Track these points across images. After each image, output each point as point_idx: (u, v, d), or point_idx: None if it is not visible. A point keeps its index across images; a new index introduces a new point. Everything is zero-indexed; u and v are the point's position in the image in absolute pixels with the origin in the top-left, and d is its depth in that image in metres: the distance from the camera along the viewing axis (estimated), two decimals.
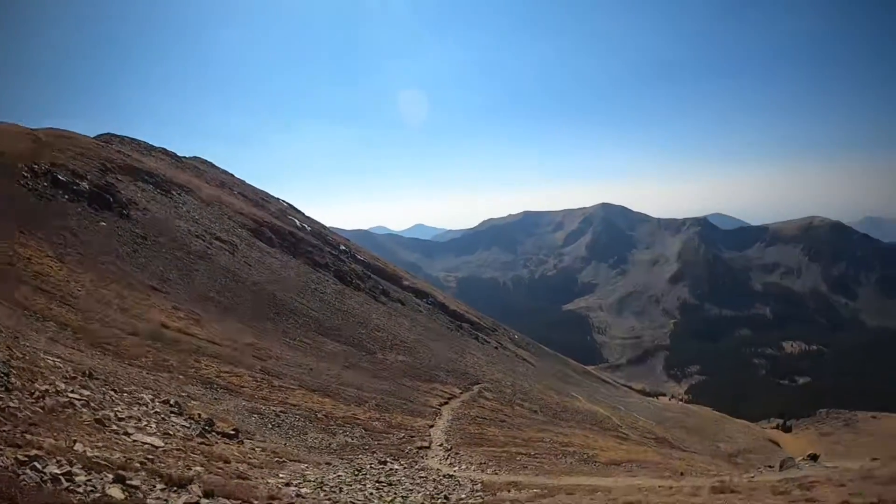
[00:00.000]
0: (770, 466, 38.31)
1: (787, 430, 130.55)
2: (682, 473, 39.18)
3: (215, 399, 27.37)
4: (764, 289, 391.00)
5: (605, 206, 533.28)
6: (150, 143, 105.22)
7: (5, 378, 13.88)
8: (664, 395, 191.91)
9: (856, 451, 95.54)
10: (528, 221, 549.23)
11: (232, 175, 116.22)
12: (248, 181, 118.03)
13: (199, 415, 19.60)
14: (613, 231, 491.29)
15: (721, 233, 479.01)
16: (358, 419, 33.91)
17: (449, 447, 34.06)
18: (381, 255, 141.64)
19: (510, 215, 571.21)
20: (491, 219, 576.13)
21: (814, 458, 39.22)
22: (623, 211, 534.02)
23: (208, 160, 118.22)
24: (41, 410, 13.14)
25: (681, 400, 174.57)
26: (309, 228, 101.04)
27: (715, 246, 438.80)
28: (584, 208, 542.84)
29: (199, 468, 13.69)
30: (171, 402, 20.18)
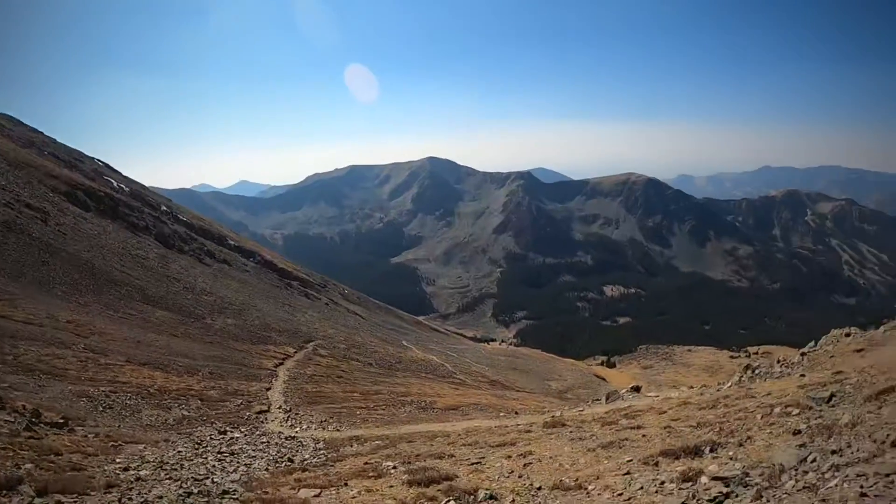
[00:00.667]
0: (597, 400, 39.89)
1: (612, 366, 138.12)
2: (516, 412, 40.58)
3: (39, 387, 25.44)
4: (585, 238, 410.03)
5: (432, 160, 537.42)
6: None
7: None
8: (494, 340, 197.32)
9: (674, 381, 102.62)
10: (355, 175, 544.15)
11: (41, 133, 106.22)
12: (59, 140, 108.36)
13: (24, 406, 18.18)
14: (440, 184, 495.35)
15: (544, 186, 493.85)
16: (192, 390, 32.79)
17: (288, 408, 33.69)
18: (205, 214, 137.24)
19: (336, 170, 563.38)
20: (317, 174, 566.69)
21: (637, 389, 41.05)
22: (450, 164, 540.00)
23: (14, 116, 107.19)
24: None
25: (510, 344, 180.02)
26: (127, 189, 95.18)
27: (538, 198, 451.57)
28: (411, 162, 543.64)
29: (29, 465, 12.74)
30: None
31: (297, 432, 26.91)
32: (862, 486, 11.09)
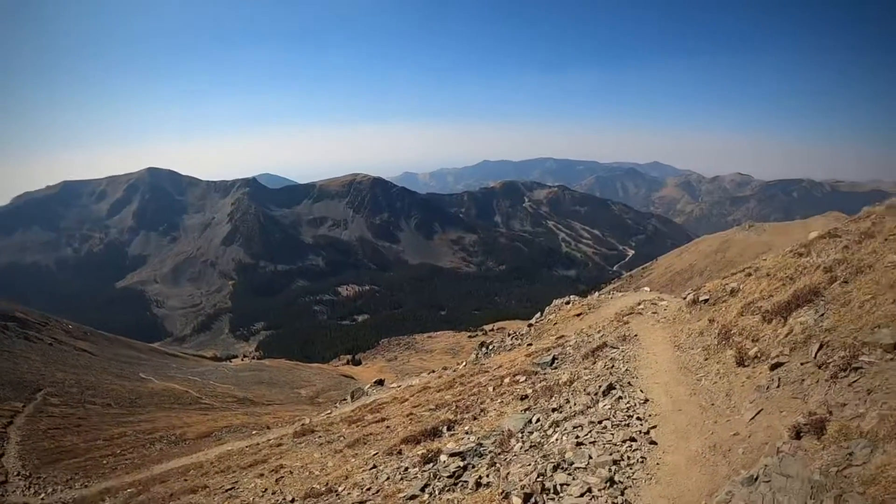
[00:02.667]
0: (344, 399, 40.61)
1: (358, 363, 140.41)
2: (268, 427, 40.49)
3: None
4: (315, 241, 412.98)
5: (152, 171, 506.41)
6: None
7: None
8: (236, 356, 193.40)
9: (421, 367, 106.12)
10: (68, 192, 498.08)
11: None
12: None
13: None
14: (161, 197, 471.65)
15: (270, 192, 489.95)
16: None
17: (28, 473, 31.04)
18: None
19: (48, 187, 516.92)
20: (27, 192, 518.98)
21: (380, 382, 42.29)
22: (171, 175, 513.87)
23: None
24: None
25: (253, 358, 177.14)
26: None
27: (265, 205, 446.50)
28: (129, 174, 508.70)
29: None
30: None
31: (42, 499, 24.98)
32: (577, 437, 12.71)
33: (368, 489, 14.05)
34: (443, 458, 14.01)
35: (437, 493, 12.16)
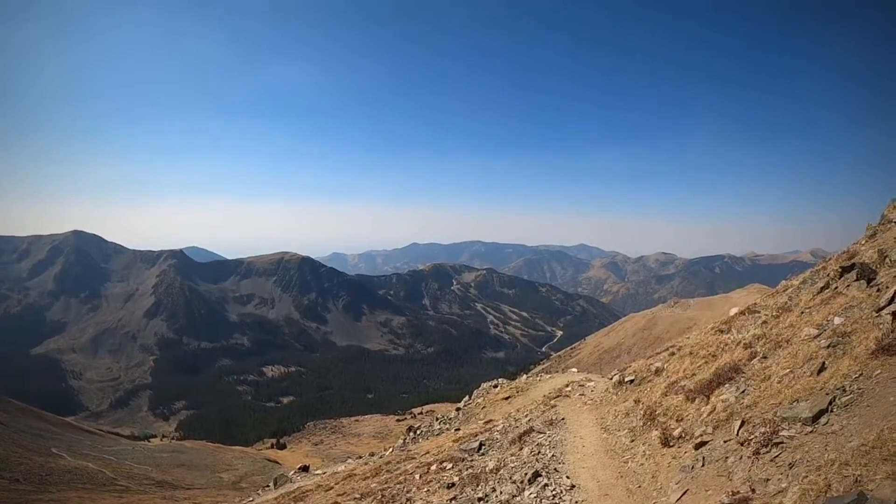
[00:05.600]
0: (267, 487, 39.71)
1: (283, 447, 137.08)
2: None
3: None
4: (241, 319, 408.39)
5: (78, 234, 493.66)
6: None
7: None
8: (154, 436, 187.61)
9: (347, 452, 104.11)
10: None
11: None
12: None
13: None
14: (86, 262, 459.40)
15: (198, 265, 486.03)
16: None
17: None
18: None
19: None
20: None
21: (305, 469, 41.49)
22: (97, 240, 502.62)
23: None
24: None
25: (172, 438, 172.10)
26: None
27: (192, 278, 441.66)
28: (55, 235, 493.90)
29: None
30: None
31: None
32: None
33: None
34: None
35: None
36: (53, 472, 62.84)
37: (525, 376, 43.43)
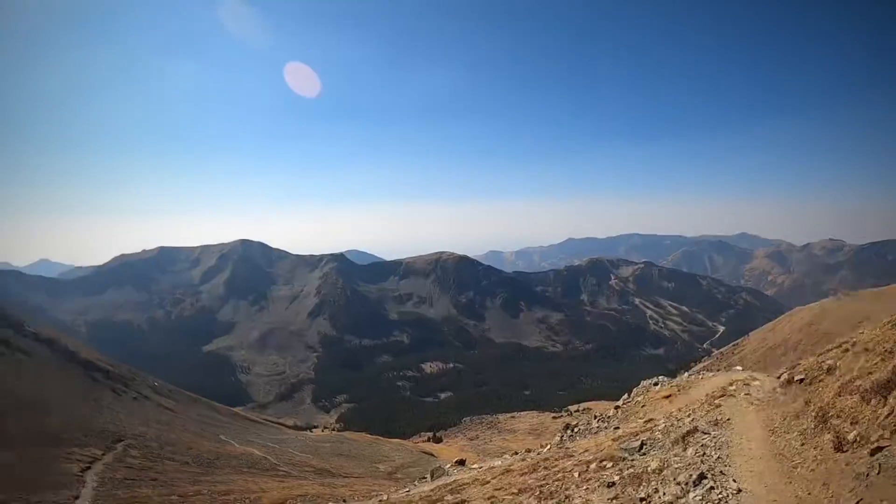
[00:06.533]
0: (423, 478, 39.10)
1: (439, 440, 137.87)
2: (344, 500, 39.10)
3: None
4: (400, 317, 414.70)
5: (244, 243, 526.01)
6: None
7: None
8: (316, 427, 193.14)
9: (502, 448, 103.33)
10: (164, 258, 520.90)
11: None
12: None
13: None
14: (252, 268, 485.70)
15: (358, 267, 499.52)
16: None
17: None
18: (1, 296, 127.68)
19: (144, 251, 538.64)
20: (123, 254, 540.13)
21: (461, 462, 40.65)
22: (262, 247, 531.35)
23: None
24: None
25: (333, 429, 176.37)
26: None
27: (352, 280, 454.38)
28: (223, 244, 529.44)
29: None
30: None
31: None
32: None
33: None
34: None
35: None
36: (221, 456, 65.02)
37: (686, 374, 41.45)
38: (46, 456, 44.95)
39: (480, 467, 33.36)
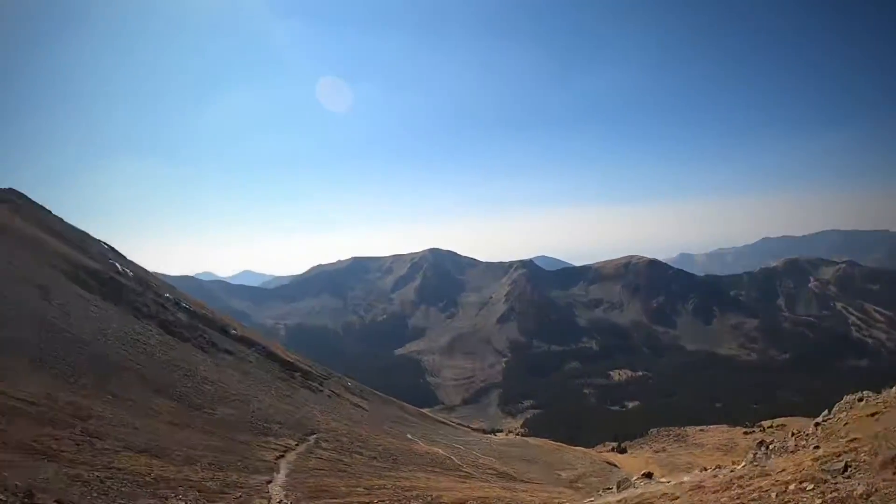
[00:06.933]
0: (608, 489, 39.11)
1: (623, 451, 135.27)
2: None
3: (33, 466, 25.18)
4: (589, 323, 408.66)
5: (434, 252, 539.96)
6: None
7: None
8: (501, 431, 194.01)
9: (688, 463, 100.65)
10: (358, 267, 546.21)
11: (49, 211, 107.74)
12: (66, 220, 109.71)
13: (17, 485, 18.02)
14: (442, 275, 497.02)
15: (546, 273, 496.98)
16: (191, 480, 32.14)
17: (289, 503, 33.07)
18: (209, 302, 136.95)
19: (339, 261, 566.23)
20: (320, 265, 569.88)
21: (648, 475, 40.18)
22: (451, 256, 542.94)
23: (23, 193, 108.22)
24: None
25: (518, 434, 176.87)
26: (131, 274, 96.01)
27: (541, 286, 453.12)
28: (414, 253, 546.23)
29: None
30: None
31: None
32: None
33: None
34: None
35: None
36: (406, 453, 67.48)
37: (894, 389, 38.80)
38: (246, 443, 48.78)
39: (669, 482, 33.16)
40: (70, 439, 32.37)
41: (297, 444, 53.64)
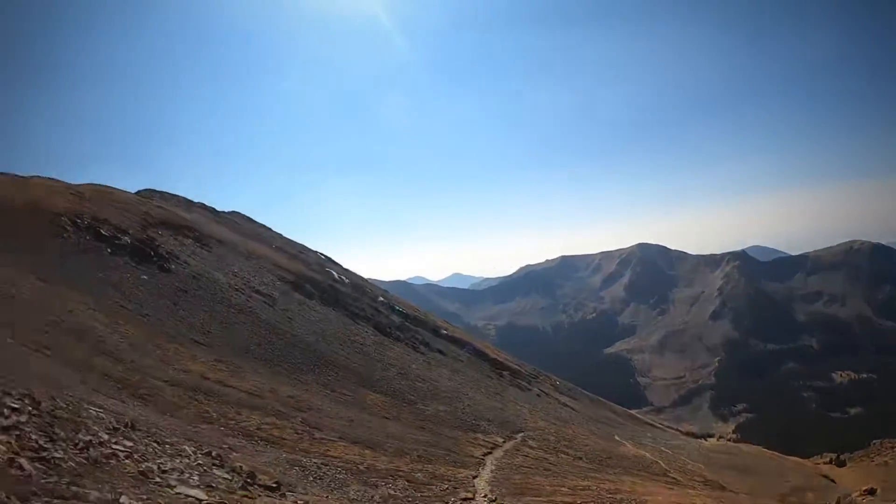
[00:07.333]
0: None
1: (842, 464, 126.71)
2: None
3: (256, 451, 27.29)
4: (808, 319, 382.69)
5: (643, 246, 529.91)
6: (190, 198, 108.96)
7: (50, 428, 14.07)
8: (712, 435, 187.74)
9: None
10: (566, 266, 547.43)
11: (269, 228, 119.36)
12: (285, 234, 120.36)
13: (241, 467, 19.53)
14: (652, 271, 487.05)
15: (761, 265, 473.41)
16: (400, 471, 33.55)
17: (493, 498, 33.59)
18: (420, 305, 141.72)
19: (547, 261, 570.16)
20: (528, 265, 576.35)
21: (871, 492, 38.15)
22: (661, 250, 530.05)
23: (246, 214, 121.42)
24: (85, 462, 13.21)
25: (729, 440, 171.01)
26: (347, 280, 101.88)
27: (755, 279, 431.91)
28: (622, 249, 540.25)
29: None
30: (213, 454, 20.22)
31: None
32: None
33: None
34: None
35: None
36: (612, 455, 66.69)
37: None
38: (455, 438, 50.06)
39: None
40: (291, 428, 34.94)
41: (504, 442, 54.51)
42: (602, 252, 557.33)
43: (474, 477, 38.43)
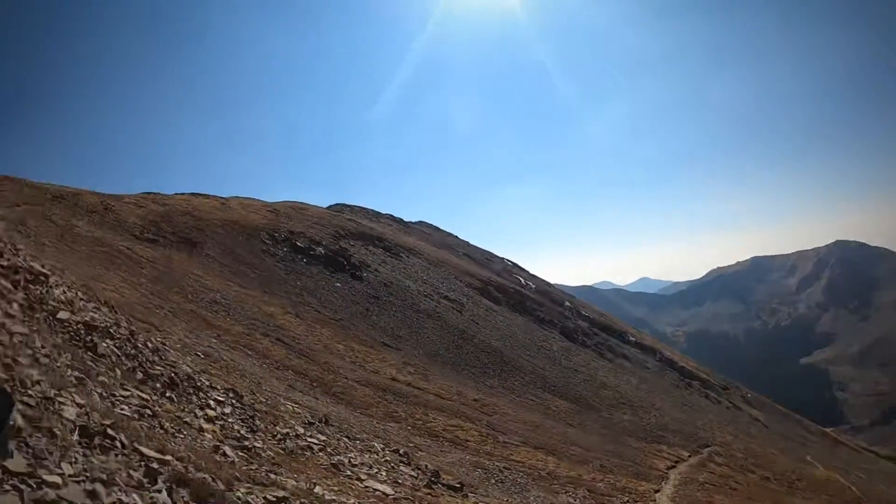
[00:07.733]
0: None
1: None
2: None
3: (441, 451, 28.35)
4: None
5: (840, 244, 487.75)
6: (378, 210, 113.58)
7: (251, 420, 15.55)
8: None
9: None
10: (758, 267, 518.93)
11: (456, 237, 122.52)
12: (471, 242, 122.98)
13: (426, 466, 20.47)
14: (851, 271, 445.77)
15: None
16: (582, 479, 33.76)
17: None
18: (607, 310, 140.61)
19: (738, 262, 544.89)
20: (718, 268, 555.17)
21: None
22: (860, 247, 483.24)
23: (433, 224, 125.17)
24: (282, 452, 14.49)
25: None
26: (533, 286, 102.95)
27: None
28: (818, 248, 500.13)
29: None
30: (400, 451, 21.37)
31: None
32: None
33: None
34: None
35: None
36: (803, 477, 63.72)
37: None
38: (639, 449, 49.51)
39: None
40: (475, 431, 35.98)
41: (689, 456, 53.43)
42: (796, 251, 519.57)
43: (656, 491, 38.06)
